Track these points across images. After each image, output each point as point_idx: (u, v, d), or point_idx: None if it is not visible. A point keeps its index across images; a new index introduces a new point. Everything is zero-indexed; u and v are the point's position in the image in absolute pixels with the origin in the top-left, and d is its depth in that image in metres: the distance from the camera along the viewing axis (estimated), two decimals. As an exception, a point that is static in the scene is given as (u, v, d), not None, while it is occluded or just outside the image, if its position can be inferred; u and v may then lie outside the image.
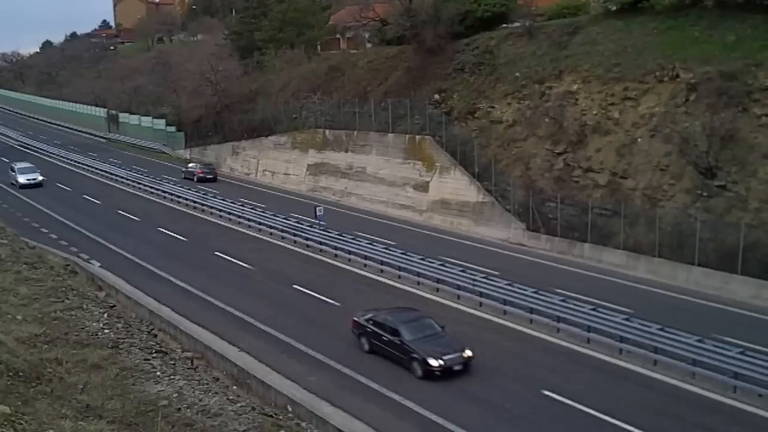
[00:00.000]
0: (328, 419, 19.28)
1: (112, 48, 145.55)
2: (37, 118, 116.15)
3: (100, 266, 34.49)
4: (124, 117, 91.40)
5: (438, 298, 29.70)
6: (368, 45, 67.41)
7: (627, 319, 24.07)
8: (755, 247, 28.82)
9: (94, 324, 17.54)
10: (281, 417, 18.80)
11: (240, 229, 43.32)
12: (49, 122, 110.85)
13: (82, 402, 11.48)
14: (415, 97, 49.00)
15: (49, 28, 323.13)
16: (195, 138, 73.15)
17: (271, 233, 41.24)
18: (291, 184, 57.50)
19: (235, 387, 21.02)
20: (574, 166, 38.55)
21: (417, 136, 46.89)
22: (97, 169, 65.73)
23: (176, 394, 13.84)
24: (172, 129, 78.15)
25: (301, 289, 31.35)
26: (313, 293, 30.70)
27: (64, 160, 72.72)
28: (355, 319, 24.87)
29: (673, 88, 36.16)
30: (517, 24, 49.36)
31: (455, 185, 43.32)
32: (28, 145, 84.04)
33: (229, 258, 36.51)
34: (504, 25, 50.93)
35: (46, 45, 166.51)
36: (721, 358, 21.08)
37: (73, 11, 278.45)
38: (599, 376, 22.41)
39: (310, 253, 37.52)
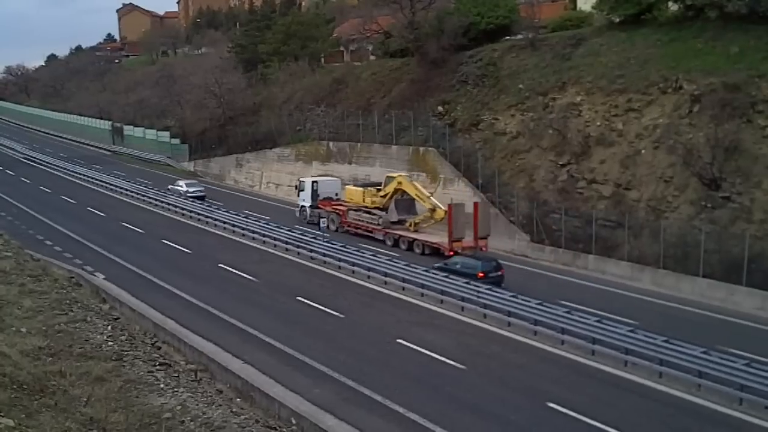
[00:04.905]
0: (333, 432, 19.20)
1: (116, 61, 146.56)
2: (42, 131, 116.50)
3: (104, 278, 34.48)
4: (128, 130, 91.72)
5: (442, 310, 29.61)
6: (372, 57, 67.64)
7: (632, 331, 23.96)
8: (760, 258, 28.74)
9: (98, 336, 17.53)
10: (285, 430, 18.77)
11: (244, 241, 43.32)
12: (54, 135, 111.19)
13: (86, 415, 11.47)
14: (419, 109, 49.10)
15: (53, 41, 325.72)
16: (199, 150, 73.37)
17: (275, 245, 41.23)
18: (295, 196, 57.44)
19: (239, 399, 20.97)
20: (578, 178, 38.53)
21: (421, 148, 46.94)
22: (101, 181, 65.70)
23: (180, 407, 13.81)
24: (177, 141, 78.43)
25: (305, 300, 31.28)
26: (316, 305, 30.62)
27: (69, 172, 72.81)
28: None
29: (677, 100, 36.20)
30: (520, 36, 49.55)
31: (459, 197, 43.26)
32: (33, 158, 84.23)
33: (234, 270, 36.47)
34: (507, 38, 51.13)
35: (51, 58, 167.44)
36: (726, 370, 20.96)
37: (77, 25, 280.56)
38: (604, 388, 22.29)
39: (314, 265, 37.48)
